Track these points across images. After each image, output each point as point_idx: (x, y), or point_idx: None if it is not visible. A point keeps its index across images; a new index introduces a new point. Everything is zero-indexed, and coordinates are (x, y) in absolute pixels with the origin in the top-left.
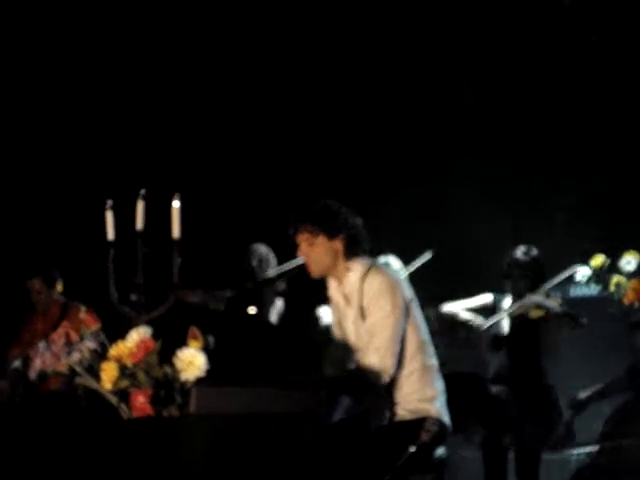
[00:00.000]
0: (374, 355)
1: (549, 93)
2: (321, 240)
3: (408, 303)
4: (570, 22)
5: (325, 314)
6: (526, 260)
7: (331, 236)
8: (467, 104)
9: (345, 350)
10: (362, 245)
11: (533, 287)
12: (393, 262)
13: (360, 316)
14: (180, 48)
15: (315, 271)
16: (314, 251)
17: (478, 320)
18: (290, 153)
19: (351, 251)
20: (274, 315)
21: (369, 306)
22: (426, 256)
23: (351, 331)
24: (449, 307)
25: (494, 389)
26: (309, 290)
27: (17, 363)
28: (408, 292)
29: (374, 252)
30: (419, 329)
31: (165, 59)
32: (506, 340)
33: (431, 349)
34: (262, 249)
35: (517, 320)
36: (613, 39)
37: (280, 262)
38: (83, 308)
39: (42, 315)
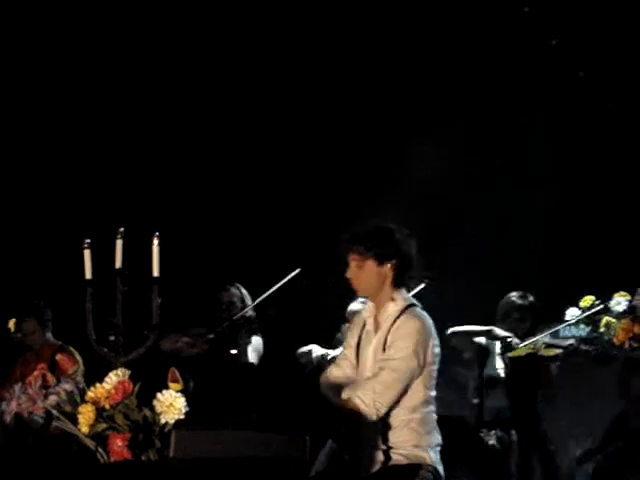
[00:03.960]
0: (374, 388)
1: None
2: (370, 264)
3: (431, 357)
4: (586, 92)
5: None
6: (524, 304)
7: (380, 262)
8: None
9: (349, 374)
10: (412, 271)
11: (533, 329)
12: None
13: (382, 346)
14: (156, 90)
15: (361, 292)
16: (362, 273)
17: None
18: (269, 188)
19: (400, 278)
20: (251, 353)
21: (393, 342)
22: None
23: (368, 358)
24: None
25: (493, 433)
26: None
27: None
28: (437, 346)
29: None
30: (430, 384)
31: (141, 102)
32: (504, 382)
33: (434, 405)
34: (234, 291)
35: (516, 361)
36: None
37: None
38: (74, 351)
39: (35, 355)
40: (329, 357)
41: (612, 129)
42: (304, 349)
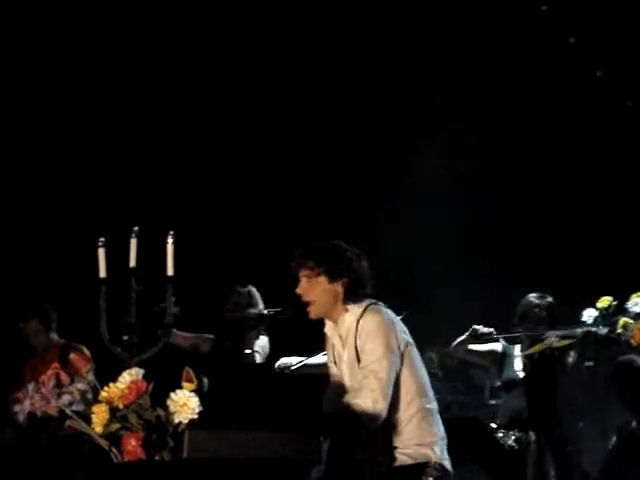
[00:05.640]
0: (368, 397)
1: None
2: (322, 280)
3: (404, 346)
4: (604, 91)
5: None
6: (542, 304)
7: (332, 278)
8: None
9: (338, 391)
10: (364, 290)
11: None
12: None
13: (355, 357)
14: (171, 89)
15: (313, 311)
16: (314, 290)
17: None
18: (283, 188)
19: (351, 295)
20: (257, 354)
21: (363, 347)
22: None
23: (345, 372)
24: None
25: (512, 434)
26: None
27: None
28: (405, 334)
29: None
30: (417, 372)
31: (155, 102)
32: (522, 383)
33: (430, 392)
34: (241, 291)
35: (532, 362)
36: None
37: (270, 299)
38: (85, 349)
39: (41, 356)
40: (292, 367)
41: (631, 127)
42: (277, 364)
